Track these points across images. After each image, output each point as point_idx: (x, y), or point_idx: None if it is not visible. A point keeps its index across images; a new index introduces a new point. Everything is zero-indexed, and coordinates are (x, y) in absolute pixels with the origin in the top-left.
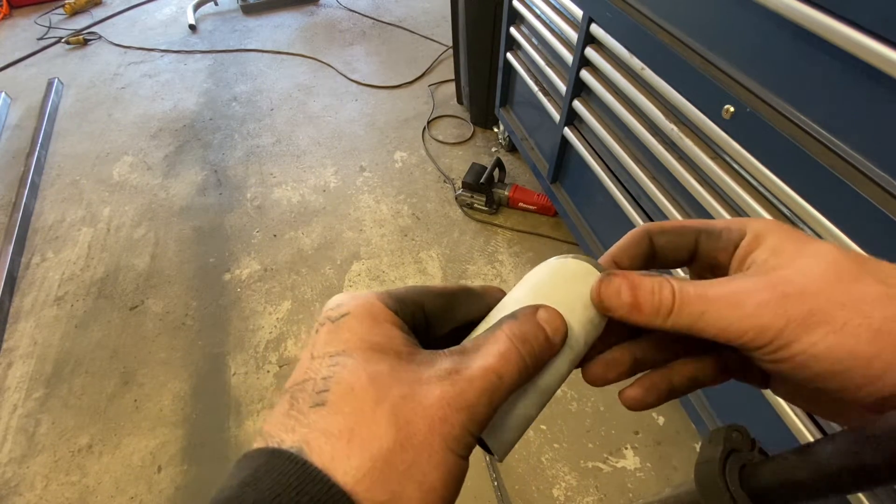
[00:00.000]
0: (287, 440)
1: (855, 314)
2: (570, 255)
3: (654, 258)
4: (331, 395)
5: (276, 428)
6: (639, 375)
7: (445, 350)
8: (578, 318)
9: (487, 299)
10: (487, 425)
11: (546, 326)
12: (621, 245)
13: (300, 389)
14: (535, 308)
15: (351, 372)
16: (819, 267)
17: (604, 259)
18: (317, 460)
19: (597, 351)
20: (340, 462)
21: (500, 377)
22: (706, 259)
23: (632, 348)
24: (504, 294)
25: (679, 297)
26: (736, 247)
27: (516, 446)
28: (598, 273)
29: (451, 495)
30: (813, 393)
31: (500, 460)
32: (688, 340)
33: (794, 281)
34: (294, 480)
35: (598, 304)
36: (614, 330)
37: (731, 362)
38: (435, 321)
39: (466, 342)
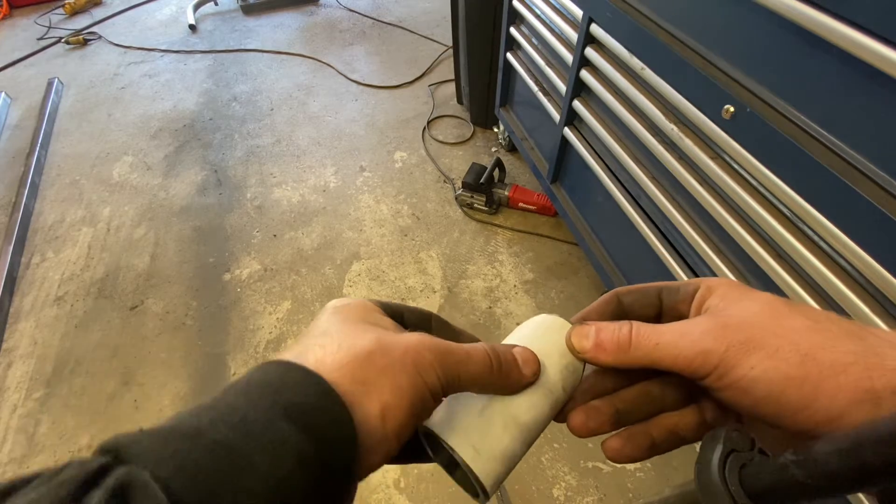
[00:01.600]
0: (285, 356)
1: (785, 342)
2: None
3: (623, 317)
4: (329, 331)
5: (281, 356)
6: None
7: None
8: (554, 362)
9: (463, 337)
10: (467, 443)
11: (518, 357)
12: (592, 306)
13: (304, 335)
14: (513, 345)
15: (347, 323)
16: (756, 307)
17: (576, 318)
18: (310, 363)
19: (579, 403)
20: (328, 360)
21: (469, 356)
22: (671, 313)
23: (613, 400)
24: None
25: (635, 334)
26: (692, 298)
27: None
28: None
29: (414, 407)
30: (778, 437)
31: (487, 497)
32: (667, 396)
33: (734, 315)
34: (281, 370)
35: (570, 346)
36: (598, 387)
37: (709, 413)
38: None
39: None
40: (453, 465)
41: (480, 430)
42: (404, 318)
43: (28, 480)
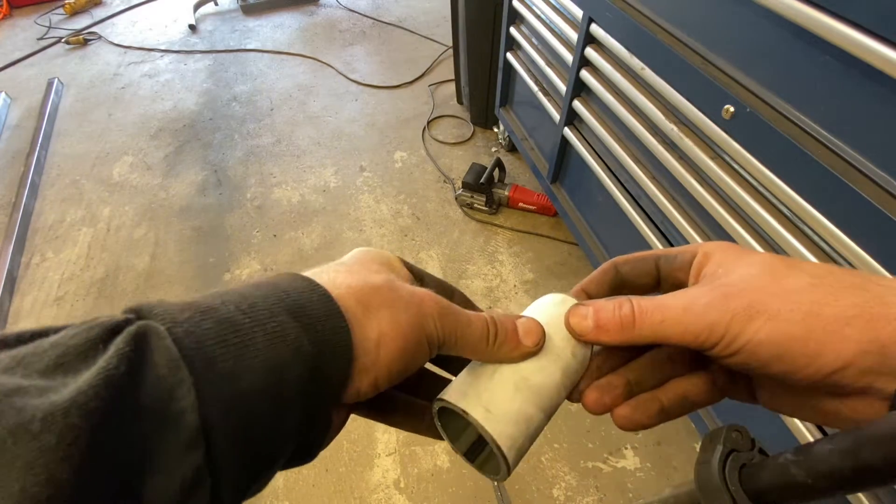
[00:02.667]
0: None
1: (786, 302)
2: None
3: (622, 287)
4: (347, 262)
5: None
6: None
7: None
8: (562, 332)
9: (479, 310)
10: (478, 404)
11: (520, 326)
12: (591, 276)
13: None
14: (518, 316)
15: (365, 262)
16: (755, 269)
17: (575, 290)
18: (322, 280)
19: (592, 381)
20: (338, 280)
21: (470, 322)
22: (669, 281)
23: (625, 372)
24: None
25: (638, 311)
26: (690, 266)
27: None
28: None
29: (408, 344)
30: (788, 393)
31: (508, 466)
32: (677, 361)
33: (735, 283)
34: (292, 278)
35: (570, 330)
36: (610, 361)
37: (720, 379)
38: None
39: None
40: (473, 451)
41: (491, 391)
42: (424, 281)
43: (59, 329)
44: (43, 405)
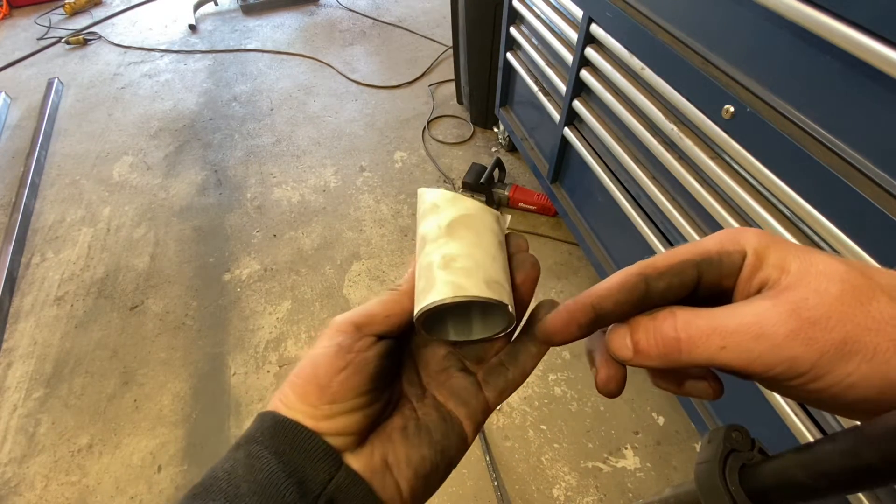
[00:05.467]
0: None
1: (883, 338)
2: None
3: (650, 306)
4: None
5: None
6: None
7: None
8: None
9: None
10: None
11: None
12: (607, 289)
13: None
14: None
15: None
16: (834, 287)
17: (582, 298)
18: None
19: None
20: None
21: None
22: (708, 289)
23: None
24: None
25: (685, 332)
26: (739, 269)
27: (516, 447)
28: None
29: (332, 374)
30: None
31: (511, 317)
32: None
33: (814, 304)
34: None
35: (613, 355)
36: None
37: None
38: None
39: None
40: (462, 335)
41: (426, 278)
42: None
43: None
44: None
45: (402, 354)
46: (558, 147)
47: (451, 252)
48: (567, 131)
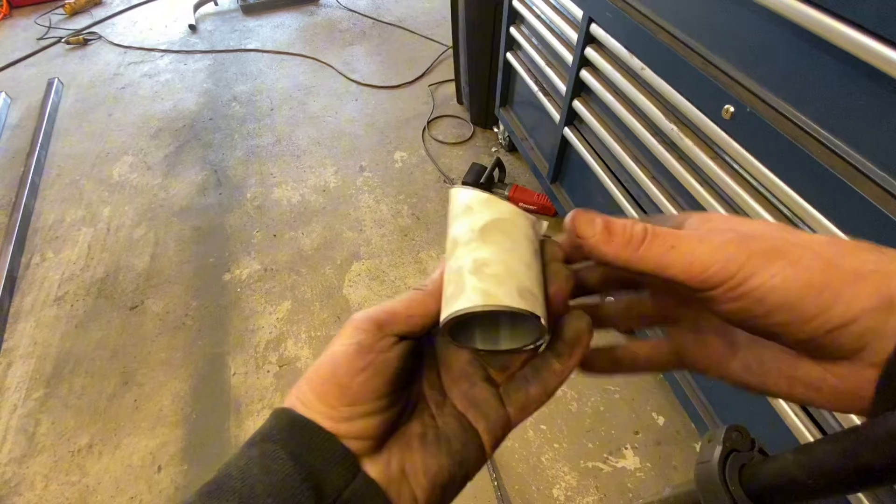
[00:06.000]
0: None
1: (808, 251)
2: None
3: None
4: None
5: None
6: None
7: None
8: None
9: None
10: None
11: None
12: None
13: None
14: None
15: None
16: (770, 225)
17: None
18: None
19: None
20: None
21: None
22: None
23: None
24: None
25: (651, 232)
26: (682, 227)
27: (516, 447)
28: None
29: (348, 374)
30: (769, 359)
31: (543, 328)
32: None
33: (750, 230)
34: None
35: (571, 227)
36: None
37: (684, 342)
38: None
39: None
40: (488, 344)
41: (455, 283)
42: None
43: None
44: None
45: (422, 356)
46: (558, 147)
47: (483, 257)
48: (567, 131)
